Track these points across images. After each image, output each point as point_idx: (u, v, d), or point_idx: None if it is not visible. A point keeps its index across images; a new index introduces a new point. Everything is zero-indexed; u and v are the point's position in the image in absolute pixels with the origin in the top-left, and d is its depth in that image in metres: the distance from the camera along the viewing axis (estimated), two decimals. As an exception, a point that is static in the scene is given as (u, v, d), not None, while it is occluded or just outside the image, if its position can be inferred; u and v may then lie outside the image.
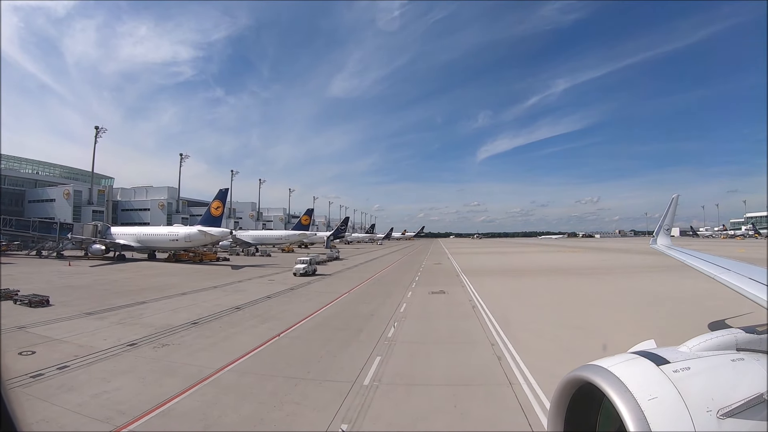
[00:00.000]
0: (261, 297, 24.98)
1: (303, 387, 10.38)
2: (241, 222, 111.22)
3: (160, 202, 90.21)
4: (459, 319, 18.55)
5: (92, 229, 52.72)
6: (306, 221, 77.72)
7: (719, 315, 17.74)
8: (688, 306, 21.00)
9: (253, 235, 74.58)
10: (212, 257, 52.88)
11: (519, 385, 10.31)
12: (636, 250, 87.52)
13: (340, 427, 7.99)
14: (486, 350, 13.50)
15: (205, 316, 19.51)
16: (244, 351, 13.59)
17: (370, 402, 9.24)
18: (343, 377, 10.87)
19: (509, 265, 55.67)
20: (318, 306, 21.95)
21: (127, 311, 20.49)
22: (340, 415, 8.55)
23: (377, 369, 11.55)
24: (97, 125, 71.81)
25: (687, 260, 10.61)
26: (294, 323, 17.75)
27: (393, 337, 15.14)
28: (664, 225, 15.88)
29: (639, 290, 28.41)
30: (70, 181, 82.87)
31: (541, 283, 33.20)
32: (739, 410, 2.52)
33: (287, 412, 8.95)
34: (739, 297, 6.24)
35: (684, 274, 33.77)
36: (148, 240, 52.28)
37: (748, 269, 7.16)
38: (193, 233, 49.64)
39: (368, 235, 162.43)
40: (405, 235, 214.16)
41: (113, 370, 11.89)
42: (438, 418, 8.49)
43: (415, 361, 12.46)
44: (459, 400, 9.34)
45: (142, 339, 15.25)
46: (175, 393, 9.97)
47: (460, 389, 10.06)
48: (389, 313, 19.56)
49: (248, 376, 11.38)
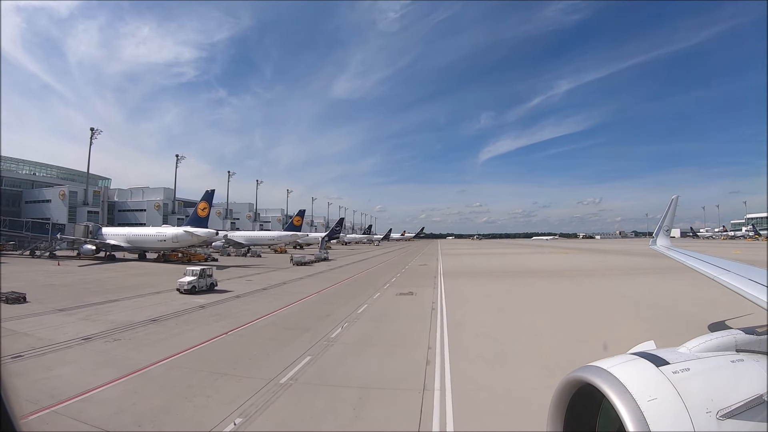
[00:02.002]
0: (230, 297, 25.61)
1: (222, 382, 10.94)
2: (239, 223, 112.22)
3: (156, 203, 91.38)
4: (411, 322, 18.80)
5: (83, 230, 53.74)
6: (298, 222, 78.44)
7: (667, 321, 18.04)
8: (656, 311, 20.97)
9: (246, 236, 75.49)
10: (200, 258, 53.72)
11: (432, 391, 10.34)
12: (631, 251, 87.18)
13: (233, 422, 8.55)
14: (420, 354, 13.61)
15: (167, 313, 20.22)
16: (186, 347, 14.28)
17: (275, 400, 9.68)
18: (264, 375, 11.33)
19: (495, 266, 55.88)
20: (280, 306, 22.51)
21: (96, 308, 21.29)
22: (241, 410, 9.06)
23: (301, 369, 11.97)
24: (92, 126, 73.03)
25: (686, 261, 10.48)
26: (247, 322, 18.32)
27: (335, 338, 15.54)
28: (664, 226, 15.75)
29: (613, 294, 28.32)
30: (67, 182, 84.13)
31: (516, 286, 33.44)
32: (739, 411, 2.52)
33: (196, 404, 9.53)
34: (702, 308, 6.46)
35: (666, 278, 34.27)
36: (137, 240, 53.25)
37: (748, 270, 7.11)
38: (179, 234, 50.55)
39: (365, 236, 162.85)
40: (404, 236, 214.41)
41: (61, 360, 12.86)
42: (329, 419, 8.82)
43: (341, 363, 12.78)
44: (361, 404, 9.58)
45: (99, 334, 16.11)
46: (104, 382, 10.78)
47: (369, 392, 10.29)
48: (345, 315, 19.96)
49: (177, 369, 12.02)
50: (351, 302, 23.63)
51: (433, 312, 20.87)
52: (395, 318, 19.80)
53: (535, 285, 34.02)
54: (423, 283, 33.84)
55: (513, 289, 31.05)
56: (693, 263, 9.84)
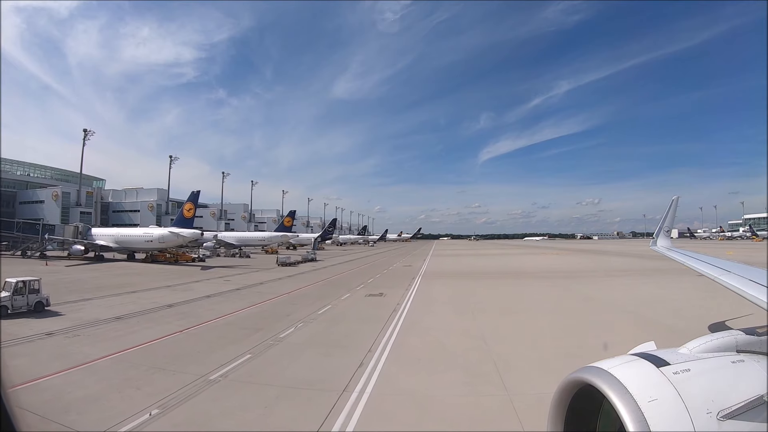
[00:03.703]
0: (201, 296, 26.36)
1: (158, 376, 11.64)
2: (233, 224, 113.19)
3: (149, 203, 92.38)
4: (366, 323, 19.02)
5: (73, 230, 54.69)
6: (288, 223, 79.25)
7: (627, 325, 18.20)
8: (622, 314, 21.09)
9: (237, 237, 76.47)
10: (188, 258, 54.54)
11: (350, 393, 10.48)
12: (624, 252, 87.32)
13: (150, 412, 9.25)
14: (358, 355, 13.75)
15: (134, 311, 21.01)
16: (139, 343, 15.09)
17: (197, 395, 10.27)
18: (198, 371, 11.93)
19: (479, 267, 56.36)
20: (245, 306, 23.20)
21: (68, 306, 22.07)
22: (162, 402, 9.70)
23: (235, 366, 12.50)
24: (85, 128, 73.97)
25: (687, 262, 10.45)
26: (207, 320, 19.05)
27: (283, 338, 16.05)
28: (665, 227, 15.60)
29: (586, 297, 27.66)
30: (61, 183, 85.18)
31: (489, 287, 33.76)
32: (739, 412, 2.53)
33: (123, 395, 10.25)
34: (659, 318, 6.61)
35: (645, 280, 34.47)
36: (125, 241, 54.16)
37: (749, 271, 7.16)
38: (165, 234, 51.48)
39: (360, 237, 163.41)
40: (401, 237, 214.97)
41: (17, 353, 13.72)
42: (237, 415, 9.29)
43: (276, 362, 13.22)
44: (276, 402, 9.95)
45: (63, 330, 16.99)
46: (51, 372, 11.63)
47: (289, 391, 10.66)
48: (304, 315, 20.49)
49: (121, 363, 12.80)
50: (316, 303, 24.19)
51: (393, 313, 21.23)
52: (352, 319, 20.25)
53: (509, 286, 34.49)
54: (399, 284, 34.26)
55: (483, 291, 31.44)
56: (693, 264, 9.74)
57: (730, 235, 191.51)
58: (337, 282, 36.61)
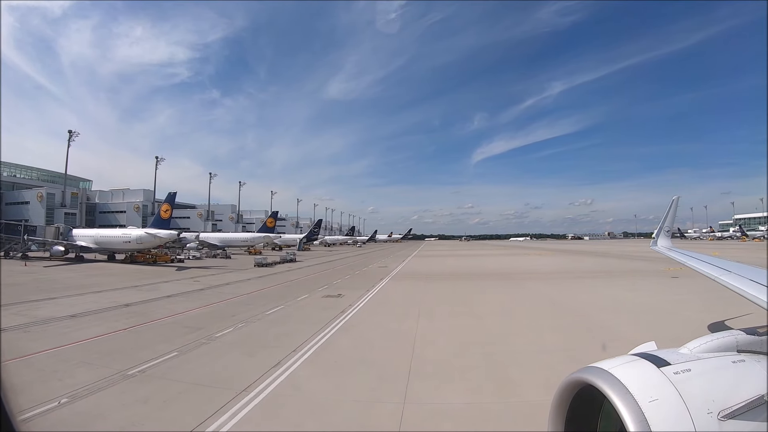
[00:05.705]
0: (162, 296, 27.43)
1: (83, 369, 12.59)
2: (221, 225, 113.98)
3: (135, 204, 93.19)
4: (307, 324, 19.19)
5: (54, 231, 55.58)
6: (271, 224, 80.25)
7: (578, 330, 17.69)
8: (575, 319, 20.69)
9: (220, 238, 77.45)
10: (166, 259, 55.60)
11: (249, 391, 10.80)
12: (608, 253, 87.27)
13: (59, 400, 10.39)
14: (279, 356, 14.00)
15: (91, 310, 22.02)
16: (81, 339, 16.16)
17: (108, 387, 11.23)
18: (121, 366, 12.88)
19: (455, 268, 57.36)
20: (199, 305, 24.23)
21: (31, 305, 23.14)
22: (74, 392, 10.69)
23: (157, 363, 13.30)
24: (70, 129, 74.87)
25: (687, 262, 10.60)
26: (154, 319, 20.11)
27: (217, 338, 16.71)
28: (665, 227, 15.55)
29: (550, 300, 27.40)
30: (48, 183, 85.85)
31: (453, 288, 34.19)
32: (740, 412, 2.55)
33: (46, 386, 11.20)
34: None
35: (615, 283, 34.41)
36: (104, 242, 55.11)
37: (749, 271, 7.25)
38: (142, 235, 52.45)
39: (348, 237, 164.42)
40: (391, 238, 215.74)
41: None
42: (137, 408, 10.07)
43: (196, 360, 13.86)
44: (175, 398, 10.53)
45: (15, 326, 18.02)
46: None
47: (192, 388, 11.21)
48: (250, 316, 21.19)
49: (56, 357, 13.89)
50: (270, 304, 25.01)
51: (340, 314, 21.60)
52: (296, 320, 20.69)
53: (473, 287, 34.79)
54: (364, 285, 34.62)
55: (443, 293, 31.60)
56: (693, 264, 9.83)
57: (720, 235, 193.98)
58: (304, 283, 37.54)
